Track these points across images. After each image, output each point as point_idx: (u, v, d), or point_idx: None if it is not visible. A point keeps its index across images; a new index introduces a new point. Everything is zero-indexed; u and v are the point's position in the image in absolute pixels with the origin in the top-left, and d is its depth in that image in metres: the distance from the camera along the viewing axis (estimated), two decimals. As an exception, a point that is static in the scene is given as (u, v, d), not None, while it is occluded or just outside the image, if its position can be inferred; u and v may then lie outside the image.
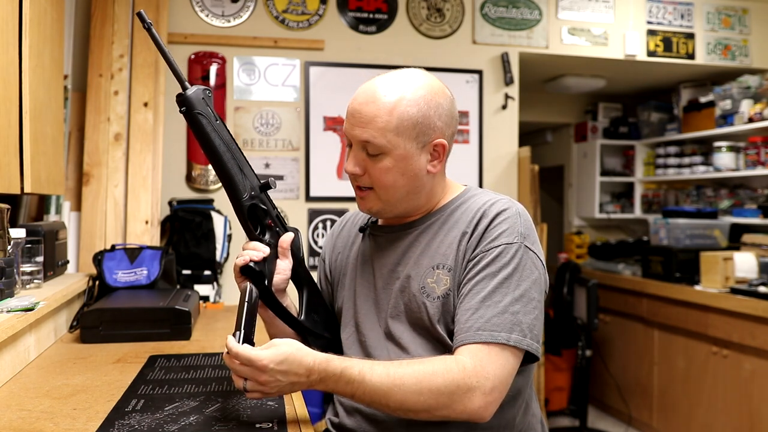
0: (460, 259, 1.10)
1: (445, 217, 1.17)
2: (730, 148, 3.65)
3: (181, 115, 1.08)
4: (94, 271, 2.12)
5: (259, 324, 1.33)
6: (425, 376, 0.98)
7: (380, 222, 1.26)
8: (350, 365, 0.98)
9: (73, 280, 1.95)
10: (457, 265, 1.10)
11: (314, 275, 1.32)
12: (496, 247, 1.07)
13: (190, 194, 2.74)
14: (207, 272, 2.50)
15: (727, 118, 3.63)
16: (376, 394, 0.98)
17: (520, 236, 1.08)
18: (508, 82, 3.13)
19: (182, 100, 1.07)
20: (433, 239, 1.15)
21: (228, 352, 0.96)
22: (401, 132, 1.08)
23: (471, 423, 1.04)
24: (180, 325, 1.70)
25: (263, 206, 1.15)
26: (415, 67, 1.18)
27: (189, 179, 2.75)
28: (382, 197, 1.13)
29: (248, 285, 1.06)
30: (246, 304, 1.02)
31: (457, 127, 1.18)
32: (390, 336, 1.16)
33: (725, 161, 3.66)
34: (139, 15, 1.06)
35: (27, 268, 1.65)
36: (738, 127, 3.53)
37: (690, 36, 3.50)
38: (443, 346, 1.10)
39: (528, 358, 1.06)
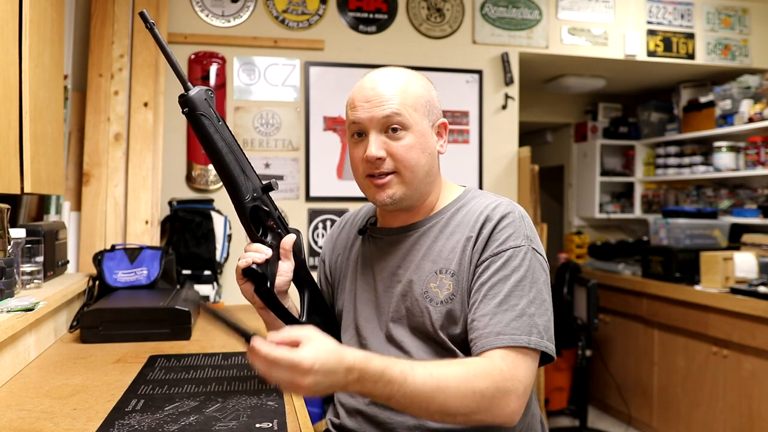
0: (466, 264, 1.10)
1: (446, 220, 1.16)
2: (730, 148, 3.65)
3: (183, 115, 1.08)
4: (94, 271, 2.12)
5: (261, 327, 1.32)
6: (469, 378, 0.95)
7: (379, 224, 1.26)
8: (391, 364, 0.92)
9: (73, 280, 1.95)
10: (461, 269, 1.10)
11: (314, 275, 1.31)
12: (504, 251, 1.07)
13: (190, 194, 2.74)
14: (207, 272, 2.50)
15: (727, 118, 3.63)
16: (417, 396, 0.92)
17: (527, 239, 1.08)
18: (508, 82, 3.13)
19: (185, 101, 1.06)
20: (434, 243, 1.15)
21: (263, 358, 0.86)
22: (418, 108, 1.12)
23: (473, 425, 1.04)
24: (180, 325, 1.70)
25: (265, 208, 1.14)
26: (415, 67, 1.20)
27: (189, 179, 2.75)
28: (406, 179, 1.12)
29: (194, 294, 0.95)
30: (219, 314, 0.95)
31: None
32: (391, 339, 1.16)
33: (725, 161, 3.66)
34: (142, 15, 1.06)
35: (27, 268, 1.65)
36: (738, 127, 3.53)
37: (690, 36, 3.50)
38: (445, 350, 1.10)
39: (542, 358, 1.06)
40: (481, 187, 3.07)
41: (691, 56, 3.51)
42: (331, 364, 0.87)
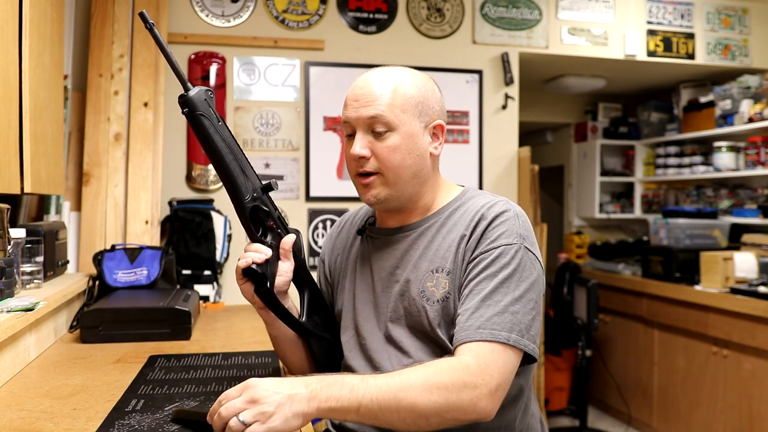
0: (459, 262, 1.10)
1: (443, 220, 1.17)
2: (730, 148, 3.65)
3: (183, 116, 1.08)
4: (94, 271, 2.12)
5: (261, 327, 1.32)
6: (431, 375, 0.95)
7: (378, 224, 1.26)
8: (348, 373, 0.95)
9: (73, 280, 1.95)
10: (456, 267, 1.10)
11: (314, 275, 1.31)
12: (496, 248, 1.07)
13: (190, 194, 2.74)
14: (207, 272, 2.50)
15: (727, 118, 3.63)
16: (384, 399, 0.92)
17: (520, 237, 1.08)
18: (508, 82, 3.13)
19: (185, 102, 1.06)
20: (431, 242, 1.15)
21: (219, 414, 0.90)
22: (406, 109, 1.12)
23: (473, 424, 1.04)
24: (180, 325, 1.70)
25: (265, 208, 1.14)
26: (415, 67, 1.20)
27: (189, 179, 2.75)
28: (390, 180, 1.13)
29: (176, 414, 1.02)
30: (181, 416, 1.02)
31: (446, 118, 1.21)
32: (390, 339, 1.16)
33: (725, 161, 3.66)
34: (142, 15, 1.06)
35: (27, 268, 1.65)
36: (738, 127, 3.53)
37: (690, 36, 3.50)
38: (444, 351, 1.10)
39: (525, 359, 1.06)
40: (481, 187, 3.07)
41: (691, 56, 3.51)
42: (278, 380, 0.91)
